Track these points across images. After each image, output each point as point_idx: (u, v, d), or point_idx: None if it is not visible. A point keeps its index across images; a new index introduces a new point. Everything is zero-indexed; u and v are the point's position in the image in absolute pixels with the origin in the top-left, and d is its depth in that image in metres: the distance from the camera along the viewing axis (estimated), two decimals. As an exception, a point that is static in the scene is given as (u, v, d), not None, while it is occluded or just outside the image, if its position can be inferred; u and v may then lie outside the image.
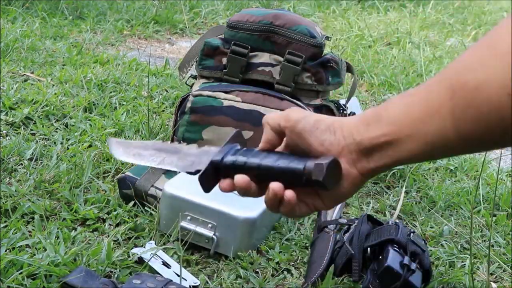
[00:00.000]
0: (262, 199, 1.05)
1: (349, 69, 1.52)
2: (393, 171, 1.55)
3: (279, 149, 0.78)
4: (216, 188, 1.19)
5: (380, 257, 1.04)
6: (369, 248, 1.07)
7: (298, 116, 0.75)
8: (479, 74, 0.62)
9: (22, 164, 1.36)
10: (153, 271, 1.06)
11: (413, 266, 1.03)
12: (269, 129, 0.77)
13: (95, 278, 0.97)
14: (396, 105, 0.71)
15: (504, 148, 1.24)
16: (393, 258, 1.03)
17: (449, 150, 0.71)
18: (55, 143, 1.47)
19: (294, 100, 1.36)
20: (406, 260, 1.03)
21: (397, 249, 1.04)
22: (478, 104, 0.62)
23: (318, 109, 1.41)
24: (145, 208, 1.23)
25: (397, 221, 1.12)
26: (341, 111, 1.51)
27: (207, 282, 1.07)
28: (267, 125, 0.77)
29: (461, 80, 0.64)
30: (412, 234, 1.08)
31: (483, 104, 0.62)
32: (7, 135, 1.48)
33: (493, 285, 1.15)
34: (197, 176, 0.81)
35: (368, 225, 1.11)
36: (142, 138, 1.54)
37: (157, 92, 1.88)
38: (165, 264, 1.07)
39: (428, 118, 0.67)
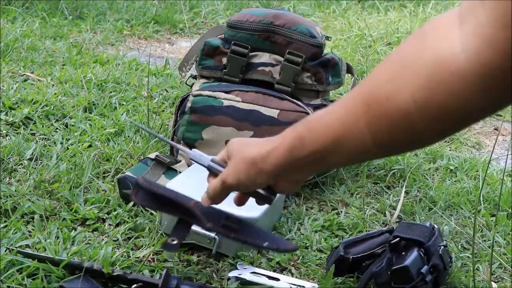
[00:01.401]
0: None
1: (349, 70, 1.52)
2: (393, 171, 1.55)
3: None
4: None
5: (403, 253, 1.03)
6: (396, 239, 1.05)
7: (233, 183, 0.91)
8: (389, 86, 0.70)
9: (22, 164, 1.36)
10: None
11: (428, 278, 1.01)
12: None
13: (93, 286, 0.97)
14: (317, 126, 0.80)
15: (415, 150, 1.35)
16: (414, 262, 1.01)
17: (370, 157, 0.84)
18: (55, 143, 1.47)
19: (294, 100, 1.36)
20: (425, 269, 1.01)
21: (422, 254, 1.03)
22: (390, 113, 0.70)
23: (318, 109, 1.41)
24: (145, 208, 1.23)
25: (436, 227, 1.11)
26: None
27: (208, 282, 1.07)
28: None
29: (374, 93, 0.72)
30: (443, 247, 1.07)
31: (394, 113, 0.70)
32: (7, 135, 1.48)
33: (494, 285, 1.15)
34: (198, 178, 0.86)
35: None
36: (142, 138, 1.54)
37: (157, 92, 1.88)
38: (272, 278, 1.07)
39: (348, 134, 0.76)
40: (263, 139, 0.89)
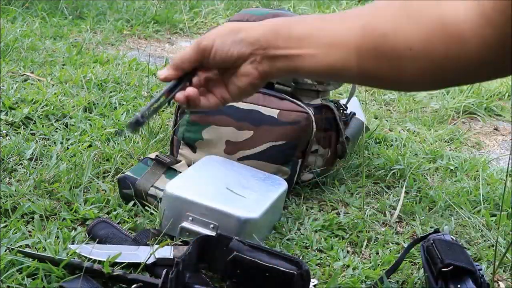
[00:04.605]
0: (263, 200, 1.07)
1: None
2: (393, 171, 1.55)
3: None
4: (217, 189, 1.19)
5: (459, 286, 0.99)
6: (449, 266, 1.01)
7: (208, 44, 0.84)
8: (389, 25, 0.72)
9: (22, 164, 1.36)
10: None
11: None
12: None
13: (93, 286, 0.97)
14: (309, 25, 0.79)
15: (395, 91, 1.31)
16: None
17: (348, 78, 0.82)
18: (55, 143, 1.47)
19: (294, 100, 1.36)
20: None
21: (473, 285, 0.99)
22: (383, 49, 0.73)
23: (318, 109, 1.41)
24: (145, 208, 1.23)
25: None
26: (342, 111, 1.51)
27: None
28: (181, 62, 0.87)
29: (373, 25, 0.74)
30: (483, 277, 1.03)
31: (387, 50, 0.72)
32: (7, 135, 1.48)
33: (502, 284, 1.15)
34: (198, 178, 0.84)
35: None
36: (142, 138, 1.54)
37: (157, 92, 1.88)
38: None
39: (335, 47, 0.76)
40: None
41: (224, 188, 1.19)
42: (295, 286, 0.98)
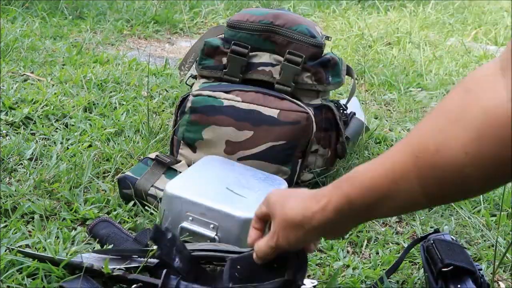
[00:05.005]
0: (262, 200, 1.07)
1: (348, 72, 1.52)
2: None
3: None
4: (217, 189, 1.19)
5: (459, 286, 0.99)
6: (449, 266, 1.01)
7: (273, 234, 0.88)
8: (438, 138, 0.69)
9: (22, 164, 1.36)
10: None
11: None
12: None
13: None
14: (364, 183, 0.77)
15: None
16: None
17: (419, 207, 0.83)
18: (55, 143, 1.47)
19: (294, 100, 1.36)
20: None
21: (473, 285, 0.99)
22: (441, 165, 0.69)
23: (318, 109, 1.41)
24: (145, 208, 1.23)
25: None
26: (341, 111, 1.51)
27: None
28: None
29: (423, 144, 0.71)
30: (483, 277, 1.03)
31: (446, 165, 0.69)
32: (7, 135, 1.48)
33: (502, 284, 1.15)
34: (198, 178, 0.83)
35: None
36: (142, 138, 1.54)
37: (157, 92, 1.88)
38: None
39: (397, 188, 0.74)
40: (304, 193, 0.86)
41: (224, 188, 1.19)
42: (291, 265, 0.95)
